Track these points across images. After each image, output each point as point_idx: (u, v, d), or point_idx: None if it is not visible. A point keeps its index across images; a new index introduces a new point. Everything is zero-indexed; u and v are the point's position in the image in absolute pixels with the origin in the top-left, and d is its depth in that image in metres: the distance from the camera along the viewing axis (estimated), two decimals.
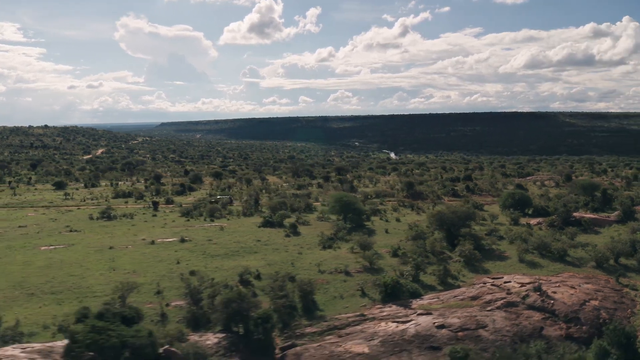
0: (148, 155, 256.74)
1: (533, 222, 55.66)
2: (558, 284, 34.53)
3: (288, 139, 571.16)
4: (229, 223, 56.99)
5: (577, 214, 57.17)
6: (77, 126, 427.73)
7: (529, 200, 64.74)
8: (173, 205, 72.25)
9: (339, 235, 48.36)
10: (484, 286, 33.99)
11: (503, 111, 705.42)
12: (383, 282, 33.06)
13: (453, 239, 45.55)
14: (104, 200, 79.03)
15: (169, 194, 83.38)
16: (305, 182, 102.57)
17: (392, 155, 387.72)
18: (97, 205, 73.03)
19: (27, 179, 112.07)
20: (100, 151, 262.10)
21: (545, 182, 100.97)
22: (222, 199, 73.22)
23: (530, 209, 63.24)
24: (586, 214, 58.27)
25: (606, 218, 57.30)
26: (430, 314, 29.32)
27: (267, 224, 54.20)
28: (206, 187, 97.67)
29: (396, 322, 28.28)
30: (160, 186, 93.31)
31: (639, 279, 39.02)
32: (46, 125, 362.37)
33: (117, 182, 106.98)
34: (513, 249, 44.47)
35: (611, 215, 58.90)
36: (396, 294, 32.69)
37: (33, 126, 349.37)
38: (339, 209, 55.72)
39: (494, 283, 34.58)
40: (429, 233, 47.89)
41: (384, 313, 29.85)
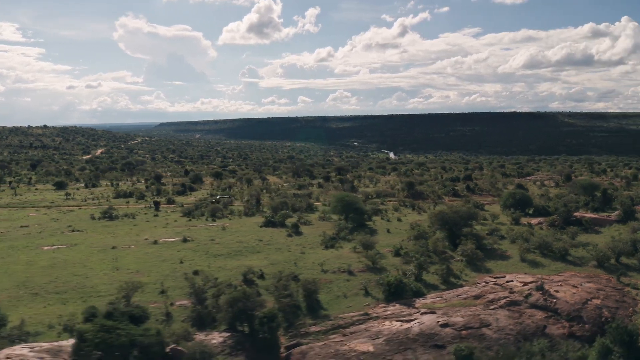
0: (147, 155, 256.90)
1: (534, 222, 55.84)
2: (560, 283, 34.71)
3: (287, 139, 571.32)
4: (231, 223, 57.14)
5: (578, 214, 57.36)
6: (76, 126, 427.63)
7: (530, 200, 64.93)
8: (174, 205, 72.42)
9: (341, 235, 48.53)
10: (487, 285, 34.17)
11: (502, 111, 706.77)
12: (386, 282, 33.23)
13: (455, 239, 45.72)
14: (105, 200, 79.17)
15: (170, 194, 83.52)
16: (305, 182, 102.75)
17: (391, 155, 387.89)
18: (99, 205, 73.15)
19: (28, 179, 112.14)
20: (99, 151, 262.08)
21: (545, 182, 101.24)
22: (223, 199, 73.35)
23: (530, 209, 63.41)
24: (587, 214, 58.47)
25: (607, 218, 57.49)
26: (433, 313, 29.50)
27: (269, 224, 54.38)
28: (207, 187, 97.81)
29: (400, 321, 28.45)
30: (160, 186, 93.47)
31: None
32: (45, 125, 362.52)
33: (118, 182, 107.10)
34: (514, 249, 44.63)
35: (611, 215, 59.09)
36: (399, 293, 32.85)
37: (32, 126, 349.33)
38: (341, 209, 55.89)
39: (497, 282, 34.74)
40: (431, 233, 48.07)
41: (388, 312, 30.01)
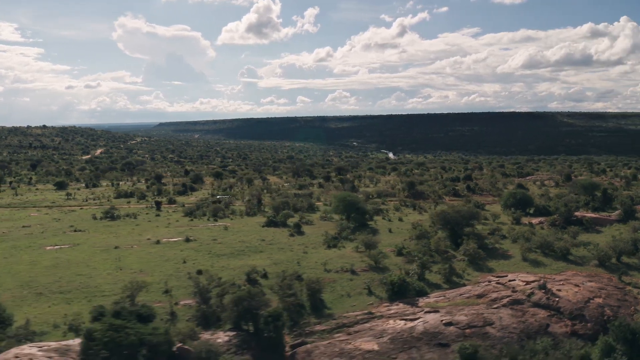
0: (147, 155, 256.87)
1: (535, 222, 56.04)
2: (562, 282, 34.91)
3: (286, 139, 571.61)
4: (233, 223, 57.23)
5: (579, 214, 57.56)
6: (75, 126, 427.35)
7: (530, 199, 65.08)
8: (176, 205, 72.51)
9: (343, 234, 48.65)
10: (489, 284, 34.36)
11: (501, 111, 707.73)
12: (390, 281, 33.39)
13: (456, 238, 45.90)
14: (107, 200, 79.20)
15: (171, 194, 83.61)
16: (306, 182, 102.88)
17: (391, 155, 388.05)
18: (100, 205, 73.19)
19: (28, 179, 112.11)
20: (99, 151, 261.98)
21: (545, 182, 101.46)
22: (224, 199, 73.43)
23: (531, 209, 63.56)
24: (587, 214, 58.68)
25: (607, 217, 57.71)
26: (437, 312, 29.66)
27: (271, 224, 54.47)
28: (207, 187, 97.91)
29: (404, 320, 28.61)
30: (161, 186, 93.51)
31: None
32: (44, 125, 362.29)
33: (118, 183, 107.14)
34: (516, 248, 44.82)
35: (612, 214, 59.32)
36: (403, 292, 33.01)
37: (31, 126, 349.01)
38: (343, 209, 56.02)
39: (499, 281, 34.93)
40: (433, 232, 48.24)
41: (392, 311, 30.18)
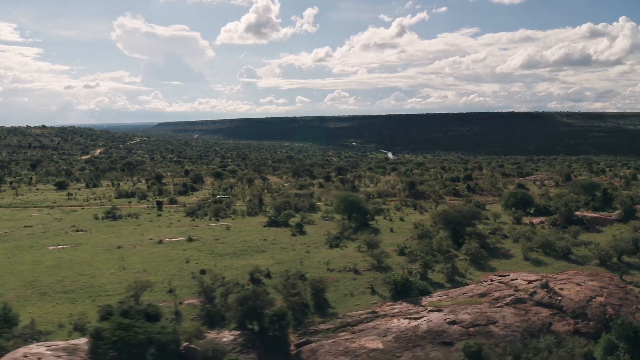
0: (146, 155, 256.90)
1: (535, 221, 56.22)
2: (564, 281, 35.11)
3: (285, 139, 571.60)
4: (234, 222, 57.36)
5: (579, 213, 57.77)
6: (75, 126, 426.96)
7: (531, 199, 65.25)
8: (177, 205, 72.61)
9: (345, 234, 48.79)
10: (492, 283, 34.54)
11: (500, 111, 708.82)
12: (393, 280, 33.55)
13: (458, 238, 46.09)
14: (107, 200, 79.27)
15: (172, 194, 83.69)
16: (306, 182, 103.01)
17: (390, 155, 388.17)
18: (101, 205, 73.25)
19: (28, 179, 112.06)
20: (98, 151, 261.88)
21: (545, 182, 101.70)
22: (225, 199, 73.50)
23: (532, 208, 63.74)
24: (588, 213, 58.90)
25: (607, 217, 57.92)
26: (441, 311, 29.83)
27: (273, 224, 54.59)
28: (208, 187, 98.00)
29: (408, 319, 28.77)
30: (162, 186, 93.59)
31: None
32: (44, 125, 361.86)
33: (119, 183, 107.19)
34: (517, 248, 45.01)
35: (612, 214, 59.54)
36: (406, 292, 33.16)
37: (30, 126, 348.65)
38: (344, 209, 56.15)
39: (502, 280, 35.12)
40: (434, 232, 48.41)
41: (395, 310, 30.33)
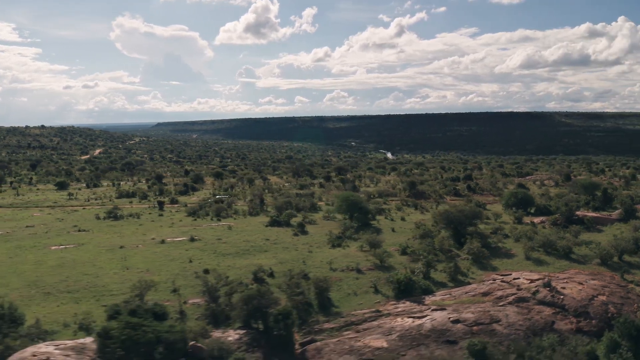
0: (146, 155, 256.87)
1: (536, 221, 56.44)
2: (566, 280, 35.32)
3: (284, 139, 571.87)
4: (236, 222, 57.49)
5: (580, 213, 58.01)
6: (74, 126, 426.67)
7: (532, 199, 65.47)
8: (178, 205, 72.71)
9: (347, 234, 48.95)
10: (494, 283, 34.74)
11: (499, 111, 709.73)
12: (396, 279, 33.72)
13: (460, 238, 46.30)
14: (108, 200, 79.34)
15: (173, 194, 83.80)
16: (307, 182, 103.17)
17: (389, 155, 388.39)
18: (102, 205, 73.33)
19: (28, 180, 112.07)
20: (97, 151, 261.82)
21: (544, 182, 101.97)
22: (225, 199, 73.58)
23: (532, 208, 63.97)
24: (588, 213, 59.15)
25: (608, 217, 58.17)
26: (444, 310, 30.01)
27: (275, 223, 54.72)
28: (208, 187, 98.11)
29: (412, 318, 28.95)
30: (162, 186, 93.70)
31: None
32: (43, 125, 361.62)
33: (119, 183, 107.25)
34: (519, 247, 45.21)
35: (613, 213, 59.78)
36: (409, 291, 33.34)
37: (30, 126, 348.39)
38: (346, 208, 56.32)
39: (504, 280, 35.32)
40: (436, 232, 48.59)
41: (399, 309, 30.52)
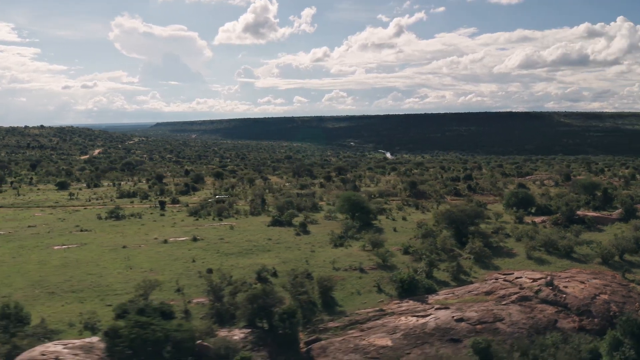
0: (145, 155, 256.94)
1: (537, 220, 56.66)
2: (568, 279, 35.55)
3: (283, 139, 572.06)
4: (238, 222, 57.62)
5: (580, 212, 58.24)
6: (73, 126, 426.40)
7: (532, 199, 65.68)
8: (179, 205, 72.83)
9: (349, 233, 49.10)
10: (497, 282, 34.96)
11: (498, 111, 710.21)
12: (399, 278, 33.92)
13: (461, 237, 46.50)
14: (109, 200, 79.44)
15: (174, 194, 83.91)
16: (307, 182, 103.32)
17: (388, 155, 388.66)
18: (103, 205, 73.42)
19: (29, 180, 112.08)
20: (97, 151, 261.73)
21: (544, 182, 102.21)
22: (226, 199, 73.66)
23: (533, 208, 64.21)
24: (589, 212, 59.38)
25: (608, 216, 58.42)
26: (448, 309, 30.21)
27: (276, 223, 54.85)
28: (209, 187, 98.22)
29: (416, 316, 29.16)
30: (163, 186, 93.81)
31: None
32: (42, 125, 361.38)
33: (119, 182, 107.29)
34: (520, 247, 45.43)
35: (613, 213, 60.03)
36: (412, 290, 33.53)
37: (29, 126, 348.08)
38: (348, 208, 56.47)
39: (506, 279, 35.53)
40: (438, 231, 48.78)
41: (403, 308, 30.72)
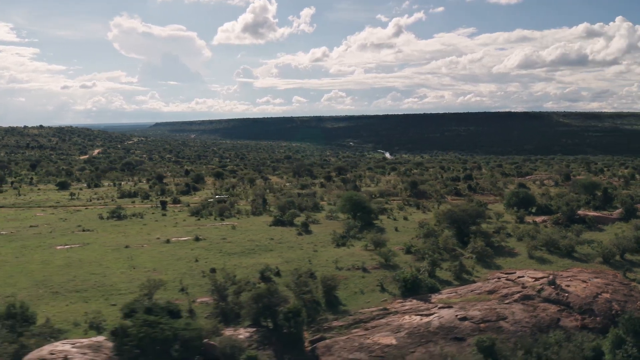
0: (145, 155, 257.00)
1: (538, 220, 56.88)
2: (570, 279, 35.75)
3: (283, 139, 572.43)
4: (240, 222, 57.77)
5: (581, 212, 58.48)
6: (72, 126, 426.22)
7: (533, 198, 65.90)
8: (181, 204, 72.95)
9: (351, 233, 49.28)
10: (499, 281, 35.14)
11: (497, 111, 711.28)
12: (403, 278, 34.09)
13: (463, 237, 46.71)
14: (110, 200, 79.53)
15: (175, 194, 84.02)
16: (307, 182, 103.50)
17: (387, 155, 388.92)
18: (104, 205, 73.53)
19: (29, 180, 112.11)
20: (96, 151, 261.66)
21: (544, 182, 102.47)
22: (226, 199, 73.79)
23: (533, 208, 64.45)
24: (589, 212, 59.61)
25: (609, 216, 58.64)
26: (451, 307, 30.39)
27: (278, 223, 54.98)
28: (209, 187, 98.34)
29: (419, 315, 29.34)
30: (164, 186, 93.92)
31: None
32: (41, 125, 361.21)
33: (120, 182, 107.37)
34: (522, 246, 45.63)
35: (613, 213, 60.26)
36: (415, 289, 33.69)
37: (28, 126, 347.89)
38: (349, 208, 56.66)
39: (509, 278, 35.72)
40: (439, 231, 48.98)
41: (406, 307, 30.89)
